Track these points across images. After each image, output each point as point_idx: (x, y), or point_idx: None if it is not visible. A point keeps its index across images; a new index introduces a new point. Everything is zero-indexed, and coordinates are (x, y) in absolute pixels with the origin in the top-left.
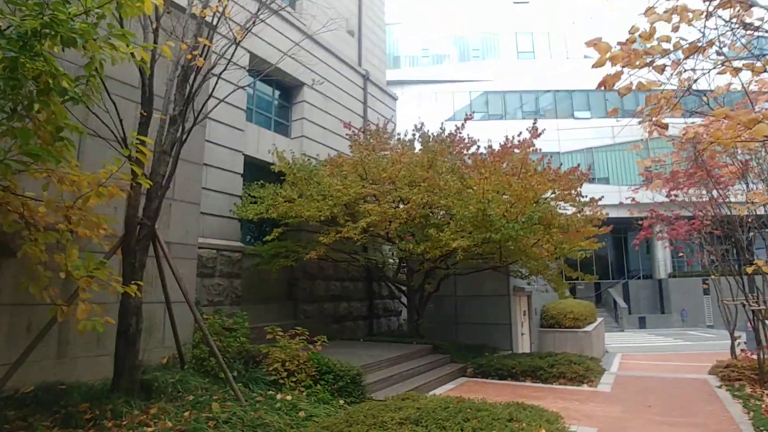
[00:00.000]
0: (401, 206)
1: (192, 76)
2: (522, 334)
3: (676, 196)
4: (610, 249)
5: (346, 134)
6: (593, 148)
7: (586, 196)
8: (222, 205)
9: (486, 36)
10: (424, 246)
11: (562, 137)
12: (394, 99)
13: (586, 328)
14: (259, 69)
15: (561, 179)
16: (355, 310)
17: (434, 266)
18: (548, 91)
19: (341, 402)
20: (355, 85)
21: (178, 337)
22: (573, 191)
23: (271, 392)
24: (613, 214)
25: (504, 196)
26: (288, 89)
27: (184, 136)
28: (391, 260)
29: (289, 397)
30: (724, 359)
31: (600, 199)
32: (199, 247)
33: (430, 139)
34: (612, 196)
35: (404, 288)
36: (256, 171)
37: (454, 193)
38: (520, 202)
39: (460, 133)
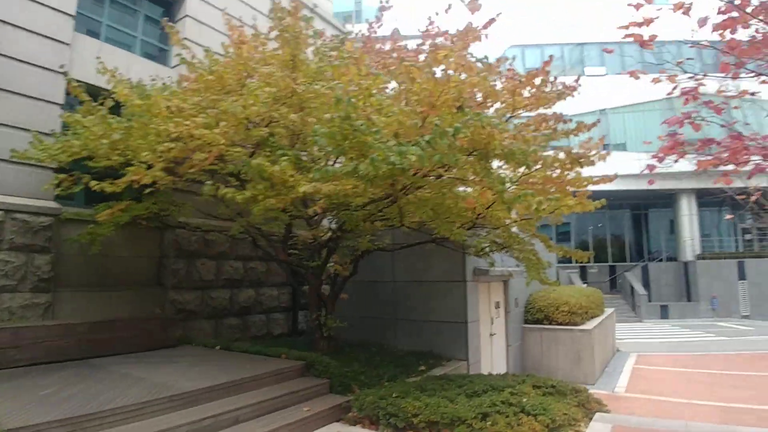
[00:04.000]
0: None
1: None
2: (492, 335)
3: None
4: (627, 228)
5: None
6: (607, 110)
7: (572, 120)
8: (22, 147)
9: None
10: (253, 191)
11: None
12: (340, 32)
13: (584, 326)
14: None
15: (524, 84)
16: (269, 300)
17: (321, 235)
18: (555, 44)
19: None
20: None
21: None
22: (548, 111)
23: None
24: (632, 186)
25: (416, 110)
26: (169, 3)
27: None
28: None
29: None
30: None
31: (595, 124)
32: None
33: (287, 13)
34: (630, 165)
35: (304, 270)
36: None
37: (326, 106)
38: (433, 111)
39: (375, 32)
